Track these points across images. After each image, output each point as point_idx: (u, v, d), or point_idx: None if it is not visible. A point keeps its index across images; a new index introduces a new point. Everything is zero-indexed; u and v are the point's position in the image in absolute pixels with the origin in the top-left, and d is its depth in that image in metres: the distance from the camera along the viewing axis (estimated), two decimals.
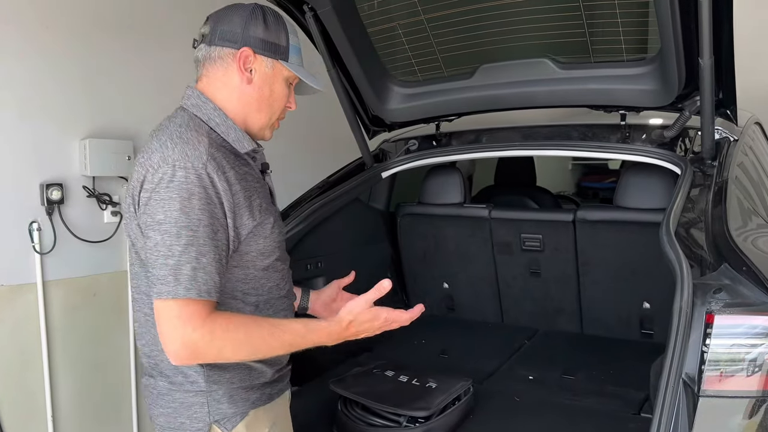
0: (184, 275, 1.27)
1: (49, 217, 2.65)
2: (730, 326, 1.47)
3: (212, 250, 1.31)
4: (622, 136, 2.39)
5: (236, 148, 1.45)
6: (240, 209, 1.38)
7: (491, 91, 2.44)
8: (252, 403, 1.48)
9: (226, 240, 1.35)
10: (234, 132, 1.45)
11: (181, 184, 1.29)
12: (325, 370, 2.49)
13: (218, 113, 1.45)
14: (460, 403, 2.04)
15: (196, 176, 1.30)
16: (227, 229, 1.35)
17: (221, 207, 1.34)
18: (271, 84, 1.49)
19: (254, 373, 1.48)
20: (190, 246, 1.28)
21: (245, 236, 1.40)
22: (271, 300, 1.51)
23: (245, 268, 1.44)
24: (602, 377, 2.39)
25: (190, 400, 1.43)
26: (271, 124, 1.54)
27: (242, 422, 1.46)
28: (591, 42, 2.21)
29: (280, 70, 1.49)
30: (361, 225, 2.93)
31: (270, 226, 1.46)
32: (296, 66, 1.51)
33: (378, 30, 2.42)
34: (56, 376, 2.69)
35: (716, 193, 1.94)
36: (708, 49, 1.82)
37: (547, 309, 2.90)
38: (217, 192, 1.33)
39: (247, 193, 1.41)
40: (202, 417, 1.42)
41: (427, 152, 2.80)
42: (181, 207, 1.28)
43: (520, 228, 2.82)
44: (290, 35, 1.50)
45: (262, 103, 1.49)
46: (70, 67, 2.70)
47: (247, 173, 1.45)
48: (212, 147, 1.36)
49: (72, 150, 2.73)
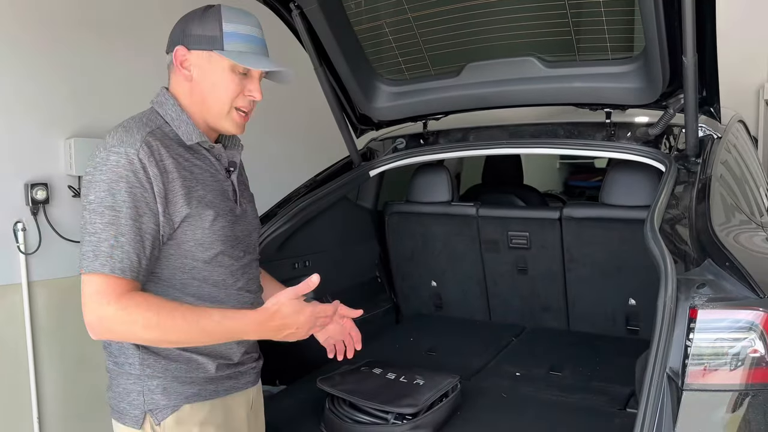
0: (102, 252, 1.33)
1: (34, 217, 2.62)
2: (713, 321, 1.48)
3: (132, 231, 1.35)
4: (608, 134, 2.41)
5: (184, 141, 1.49)
6: (174, 196, 1.41)
7: (478, 90, 2.45)
8: (186, 397, 1.48)
9: (154, 223, 1.39)
10: (185, 126, 1.50)
11: (112, 167, 1.36)
12: (312, 368, 2.49)
13: (174, 108, 1.50)
14: (447, 400, 2.05)
15: (127, 161, 1.36)
16: (158, 214, 1.39)
17: (151, 190, 1.38)
18: (210, 76, 1.49)
19: (193, 365, 1.49)
20: (111, 225, 1.34)
21: (179, 223, 1.43)
22: (216, 295, 1.51)
23: (183, 257, 1.46)
24: (589, 373, 2.40)
25: (130, 387, 1.47)
26: (225, 114, 1.52)
27: (172, 416, 1.46)
28: (576, 40, 2.22)
29: (218, 60, 1.47)
30: (348, 224, 2.93)
31: (210, 219, 1.46)
32: (235, 52, 1.47)
33: (365, 28, 2.42)
34: (42, 376, 2.67)
35: (700, 189, 1.95)
36: (691, 47, 1.84)
37: (534, 306, 2.92)
38: (147, 176, 1.37)
39: (187, 182, 1.44)
40: (138, 404, 1.46)
41: (415, 150, 2.80)
42: (109, 188, 1.35)
43: (507, 226, 2.83)
44: (227, 23, 1.47)
45: (206, 97, 1.50)
46: (54, 66, 2.68)
47: (197, 166, 1.49)
48: (151, 136, 1.41)
49: (57, 149, 2.71)
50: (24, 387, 2.61)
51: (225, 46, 1.46)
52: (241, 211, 1.60)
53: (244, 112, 1.54)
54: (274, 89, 1.70)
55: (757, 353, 1.46)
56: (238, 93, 1.50)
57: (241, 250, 1.58)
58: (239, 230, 1.58)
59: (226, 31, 1.47)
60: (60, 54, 2.70)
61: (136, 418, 1.46)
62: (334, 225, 2.77)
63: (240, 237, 1.58)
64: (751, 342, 1.46)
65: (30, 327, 2.61)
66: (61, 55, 2.70)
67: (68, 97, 2.73)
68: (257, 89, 1.53)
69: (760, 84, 5.15)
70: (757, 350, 1.46)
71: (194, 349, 1.49)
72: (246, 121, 1.56)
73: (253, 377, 1.66)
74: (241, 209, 1.60)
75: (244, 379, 1.61)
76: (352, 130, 2.74)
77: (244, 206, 1.63)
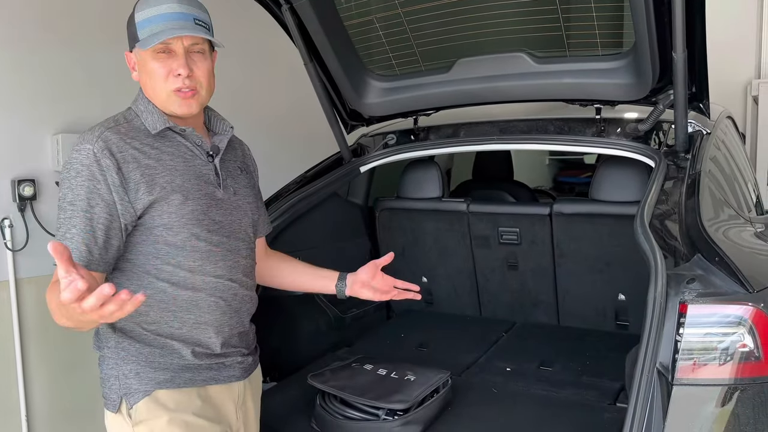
0: None
1: (21, 213, 2.60)
2: (703, 315, 1.49)
3: (82, 222, 1.40)
4: (598, 130, 2.41)
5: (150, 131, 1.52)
6: (135, 184, 1.45)
7: (468, 86, 2.45)
8: (158, 383, 1.51)
9: (107, 214, 1.42)
10: (150, 116, 1.54)
11: (72, 164, 1.43)
12: (303, 364, 2.48)
13: (143, 102, 1.56)
14: (438, 396, 2.05)
15: (84, 156, 1.42)
16: (113, 203, 1.43)
17: (105, 182, 1.42)
18: (144, 68, 1.53)
19: (167, 351, 1.52)
20: (68, 219, 1.41)
21: (143, 210, 1.46)
22: (192, 281, 1.52)
23: (155, 243, 1.49)
24: (579, 368, 2.41)
25: (109, 372, 1.52)
26: (165, 99, 1.52)
27: (143, 400, 1.49)
28: (567, 36, 2.22)
29: (141, 53, 1.51)
30: (339, 220, 2.92)
31: (178, 203, 1.49)
32: (144, 39, 1.48)
33: (355, 23, 2.41)
34: (30, 374, 2.65)
35: (689, 185, 1.96)
36: (681, 43, 1.85)
37: (525, 302, 2.92)
38: (101, 169, 1.42)
39: (149, 171, 1.47)
40: (116, 389, 1.51)
41: (406, 146, 2.80)
42: (69, 184, 1.43)
43: (498, 222, 2.84)
44: (137, 13, 1.50)
45: (149, 87, 1.54)
46: (41, 61, 2.65)
47: (166, 153, 1.52)
48: (110, 130, 1.47)
49: (44, 145, 2.68)
50: (12, 385, 2.59)
51: (139, 37, 1.50)
52: (225, 195, 1.60)
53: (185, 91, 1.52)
54: (268, 86, 1.70)
55: (746, 348, 1.47)
56: (166, 75, 1.50)
57: (222, 235, 1.57)
58: (219, 214, 1.57)
59: (137, 21, 1.51)
60: (47, 49, 2.67)
61: (114, 402, 1.51)
62: (324, 221, 2.76)
63: (220, 222, 1.57)
64: (741, 337, 1.47)
65: (18, 324, 2.59)
66: (48, 50, 2.67)
67: (55, 92, 2.70)
68: (181, 65, 1.50)
69: (747, 81, 5.18)
70: (746, 345, 1.47)
71: (168, 334, 1.52)
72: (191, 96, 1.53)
73: (239, 372, 1.65)
74: (225, 194, 1.60)
75: (227, 373, 1.61)
76: (342, 125, 2.74)
77: (232, 191, 1.63)
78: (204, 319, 1.55)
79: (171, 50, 1.50)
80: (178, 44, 1.49)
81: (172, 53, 1.50)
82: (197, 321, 1.55)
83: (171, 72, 1.50)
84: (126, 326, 1.51)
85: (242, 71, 3.35)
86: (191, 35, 1.49)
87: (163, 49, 1.49)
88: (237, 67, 3.23)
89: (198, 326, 1.55)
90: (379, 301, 1.91)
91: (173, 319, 1.52)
